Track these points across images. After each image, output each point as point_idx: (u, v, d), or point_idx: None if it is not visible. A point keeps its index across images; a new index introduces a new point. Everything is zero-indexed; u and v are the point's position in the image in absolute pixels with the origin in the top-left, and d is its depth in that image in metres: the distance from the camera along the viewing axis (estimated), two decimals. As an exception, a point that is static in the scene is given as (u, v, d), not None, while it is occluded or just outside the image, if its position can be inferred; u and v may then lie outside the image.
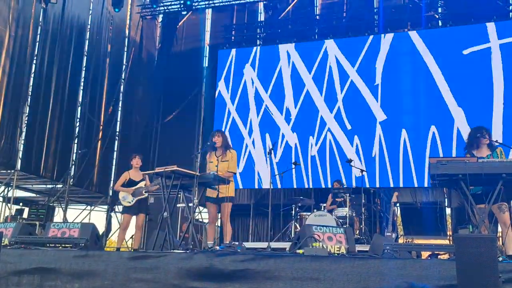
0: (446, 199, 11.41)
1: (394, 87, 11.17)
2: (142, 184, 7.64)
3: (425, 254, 7.53)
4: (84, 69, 13.50)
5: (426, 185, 10.39)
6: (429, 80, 10.93)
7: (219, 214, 7.01)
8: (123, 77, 14.55)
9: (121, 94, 14.52)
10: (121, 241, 7.84)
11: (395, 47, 11.40)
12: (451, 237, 10.75)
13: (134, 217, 7.66)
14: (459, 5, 11.51)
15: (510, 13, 11.19)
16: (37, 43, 12.04)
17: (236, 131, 11.97)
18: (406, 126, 10.87)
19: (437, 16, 11.98)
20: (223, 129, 11.35)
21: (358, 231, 8.72)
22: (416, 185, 10.69)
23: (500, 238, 7.21)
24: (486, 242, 3.37)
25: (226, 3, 14.52)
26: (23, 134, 11.45)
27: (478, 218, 5.05)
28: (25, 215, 11.14)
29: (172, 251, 5.47)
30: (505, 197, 5.35)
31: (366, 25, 12.20)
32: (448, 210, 11.73)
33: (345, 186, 9.65)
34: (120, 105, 14.50)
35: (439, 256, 6.48)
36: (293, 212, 9.29)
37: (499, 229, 7.09)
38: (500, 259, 4.23)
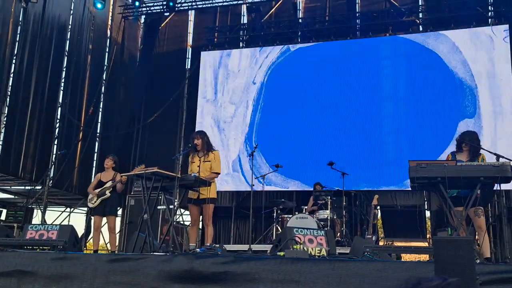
0: (425, 202, 11.55)
1: (374, 90, 11.28)
2: (107, 184, 7.55)
3: (405, 256, 7.61)
4: (64, 69, 13.35)
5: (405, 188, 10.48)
6: (409, 85, 11.07)
7: (201, 216, 6.97)
8: (104, 77, 14.43)
9: (102, 95, 14.38)
10: (97, 243, 7.75)
11: (376, 50, 11.52)
12: (430, 240, 10.87)
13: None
14: (440, 11, 11.69)
15: (489, 20, 11.37)
16: (17, 43, 11.87)
17: (218, 133, 11.96)
18: (387, 129, 10.98)
19: (418, 21, 12.13)
20: (205, 131, 11.32)
21: (339, 234, 8.76)
22: (396, 188, 10.79)
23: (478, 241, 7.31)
24: (464, 245, 3.40)
25: (209, 5, 14.49)
26: (2, 134, 11.28)
27: (456, 221, 5.11)
28: (2, 217, 10.96)
29: (152, 253, 5.43)
30: (481, 201, 5.43)
31: (348, 29, 12.31)
32: (427, 213, 11.87)
33: (325, 188, 9.68)
34: (101, 106, 14.36)
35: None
36: (275, 214, 9.29)
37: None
38: (478, 261, 4.29)
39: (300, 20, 13.22)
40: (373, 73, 11.40)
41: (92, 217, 7.90)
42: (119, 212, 10.77)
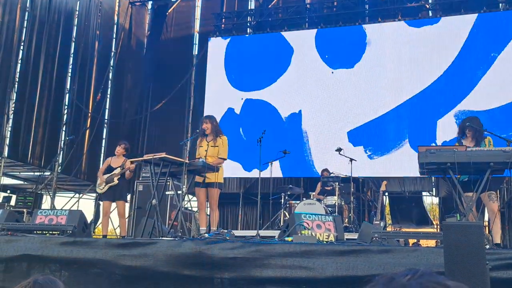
0: (434, 189, 11.51)
1: (382, 76, 11.19)
2: (116, 171, 7.58)
3: (412, 243, 7.60)
4: (72, 55, 13.35)
5: (414, 174, 10.43)
6: (416, 70, 10.97)
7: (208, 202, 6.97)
8: (111, 64, 14.42)
9: (109, 81, 14.40)
10: (106, 228, 7.78)
11: (384, 36, 11.42)
12: (438, 226, 10.85)
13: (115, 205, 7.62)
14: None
15: (500, 4, 11.21)
16: (25, 29, 11.87)
17: (225, 119, 11.93)
18: (396, 115, 10.91)
19: (427, 6, 11.98)
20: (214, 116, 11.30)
21: (347, 220, 8.76)
22: (404, 175, 10.75)
23: (487, 227, 7.30)
24: (473, 230, 3.38)
25: (216, -10, 14.40)
26: (10, 121, 11.33)
27: (465, 207, 5.08)
28: (12, 202, 11.06)
29: (161, 238, 5.45)
30: (493, 185, 5.40)
31: (356, 14, 12.17)
32: (435, 200, 11.84)
33: (333, 174, 9.66)
34: (108, 92, 14.39)
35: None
36: (282, 200, 9.30)
37: (486, 218, 7.17)
38: (487, 246, 4.27)
39: (307, 6, 13.10)
40: (385, 57, 11.31)
41: (101, 202, 7.92)
42: (128, 197, 10.86)
